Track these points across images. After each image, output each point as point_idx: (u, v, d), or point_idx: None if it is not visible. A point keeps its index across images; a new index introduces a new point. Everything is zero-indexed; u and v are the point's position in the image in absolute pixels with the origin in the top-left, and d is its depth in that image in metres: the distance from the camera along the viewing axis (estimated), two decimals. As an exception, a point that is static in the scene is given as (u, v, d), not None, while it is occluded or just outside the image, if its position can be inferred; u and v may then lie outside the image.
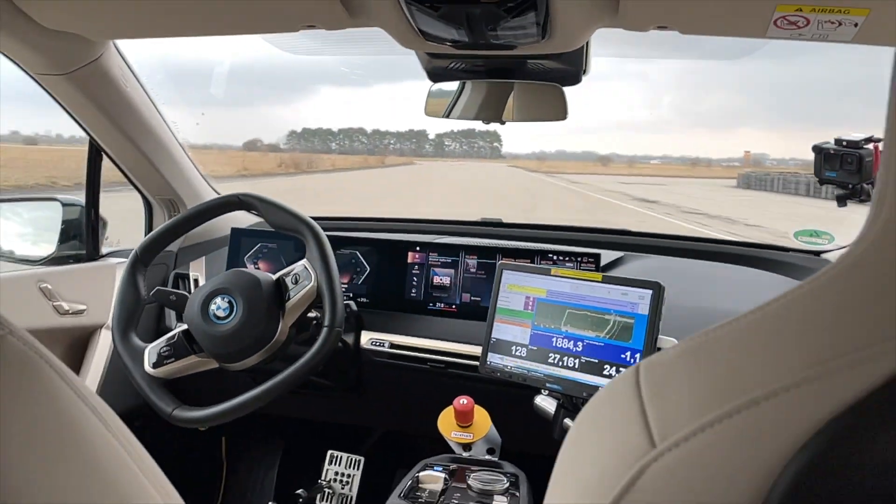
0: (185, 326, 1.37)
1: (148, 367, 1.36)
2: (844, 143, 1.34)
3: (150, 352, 1.37)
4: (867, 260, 0.35)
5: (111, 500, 0.50)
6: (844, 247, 1.78)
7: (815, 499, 0.31)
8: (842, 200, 1.40)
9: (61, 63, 1.34)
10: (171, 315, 1.76)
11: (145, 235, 1.89)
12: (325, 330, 1.31)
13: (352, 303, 1.55)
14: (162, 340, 1.37)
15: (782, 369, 0.34)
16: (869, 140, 1.33)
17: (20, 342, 0.49)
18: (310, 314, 1.41)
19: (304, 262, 1.36)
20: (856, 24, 0.88)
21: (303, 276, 1.35)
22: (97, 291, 1.67)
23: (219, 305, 1.33)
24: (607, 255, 1.72)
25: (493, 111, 1.48)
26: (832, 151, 1.36)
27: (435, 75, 1.38)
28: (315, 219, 1.42)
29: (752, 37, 1.01)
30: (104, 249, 1.80)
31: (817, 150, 1.38)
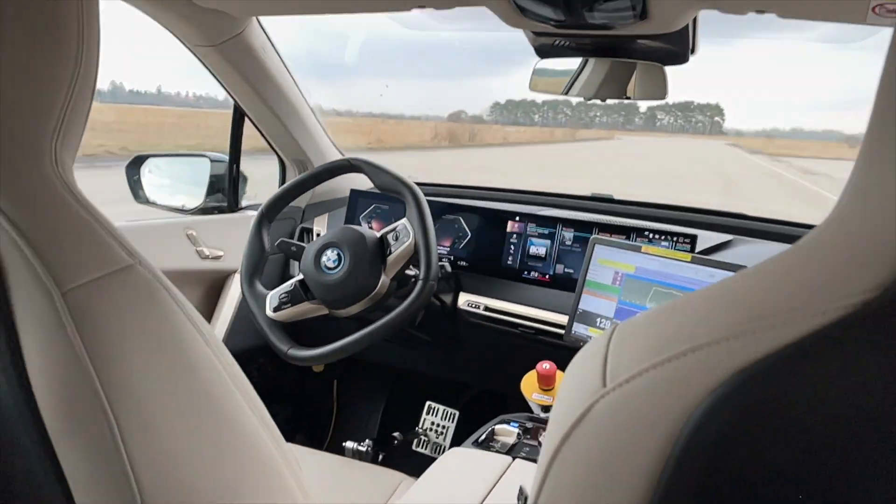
0: (301, 276, 1.55)
1: (269, 311, 1.55)
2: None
3: (272, 297, 1.56)
4: (813, 240, 0.39)
5: (209, 411, 0.62)
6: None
7: (711, 436, 0.36)
8: None
9: (211, 35, 1.54)
10: (295, 265, 1.96)
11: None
12: (419, 283, 1.45)
13: (447, 264, 1.66)
14: (281, 288, 1.57)
15: (712, 327, 0.38)
16: None
17: (147, 271, 0.60)
18: (409, 271, 1.54)
19: (404, 220, 1.50)
20: (963, 11, 0.84)
21: (402, 234, 1.48)
22: (234, 240, 1.89)
23: (329, 257, 1.49)
24: (714, 238, 1.70)
25: (614, 88, 1.51)
26: None
27: (542, 52, 1.43)
28: (421, 185, 1.54)
29: (851, 22, 0.98)
30: (243, 202, 2.03)
31: None
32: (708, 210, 2.00)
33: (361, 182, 2.13)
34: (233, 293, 1.89)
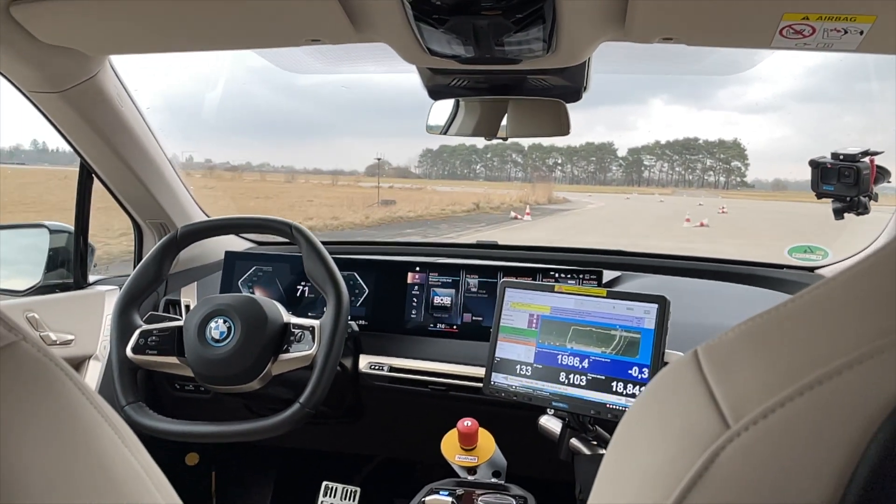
0: (180, 323, 1.36)
1: (128, 349, 1.34)
2: (841, 157, 1.35)
3: (141, 333, 1.35)
4: None
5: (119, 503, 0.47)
6: (839, 261, 1.79)
7: None
8: (839, 213, 1.41)
9: (57, 80, 1.32)
10: None
11: (135, 261, 1.87)
12: (296, 405, 1.29)
13: (353, 324, 1.52)
14: (158, 326, 1.36)
15: (862, 336, 0.33)
16: (865, 153, 1.34)
17: (34, 348, 0.48)
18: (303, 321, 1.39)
19: (318, 323, 1.33)
20: (861, 32, 0.90)
21: (306, 338, 1.32)
22: (85, 321, 1.62)
23: (216, 327, 1.30)
24: (605, 275, 1.71)
25: (487, 127, 1.49)
26: (829, 165, 1.37)
27: (436, 93, 1.37)
28: None
29: (757, 47, 1.02)
30: (92, 277, 1.75)
31: (814, 164, 1.40)
32: (587, 249, 2.04)
33: (234, 242, 1.94)
34: (89, 381, 1.60)
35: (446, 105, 1.45)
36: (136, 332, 1.36)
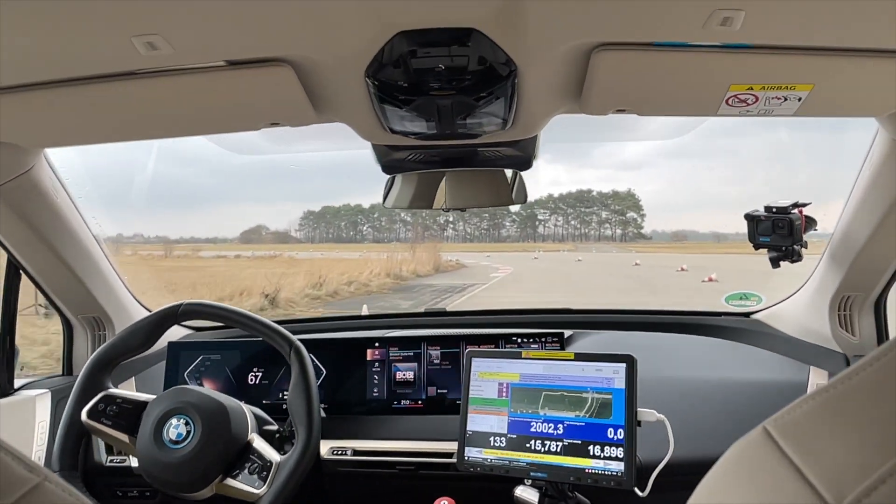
0: (153, 398, 1.27)
1: (84, 412, 1.25)
2: (774, 210, 1.44)
3: (102, 398, 1.27)
4: None
5: None
6: (773, 305, 1.89)
7: None
8: (775, 262, 1.50)
9: None
10: (99, 447, 1.57)
11: (63, 360, 1.73)
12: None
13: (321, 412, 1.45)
14: (121, 396, 1.28)
15: None
16: (795, 205, 1.44)
17: (58, 488, 0.44)
18: (268, 427, 1.31)
19: (277, 461, 1.22)
20: (800, 99, 0.98)
21: (260, 473, 1.21)
22: (15, 431, 1.48)
23: (175, 427, 1.20)
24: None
25: (424, 199, 1.50)
26: (763, 218, 1.46)
27: (390, 168, 1.38)
28: None
29: (703, 115, 1.09)
30: (18, 382, 1.60)
31: (749, 217, 1.48)
32: (534, 310, 2.07)
33: (175, 332, 1.83)
34: None
35: (390, 179, 1.46)
36: (99, 395, 1.27)
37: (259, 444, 1.25)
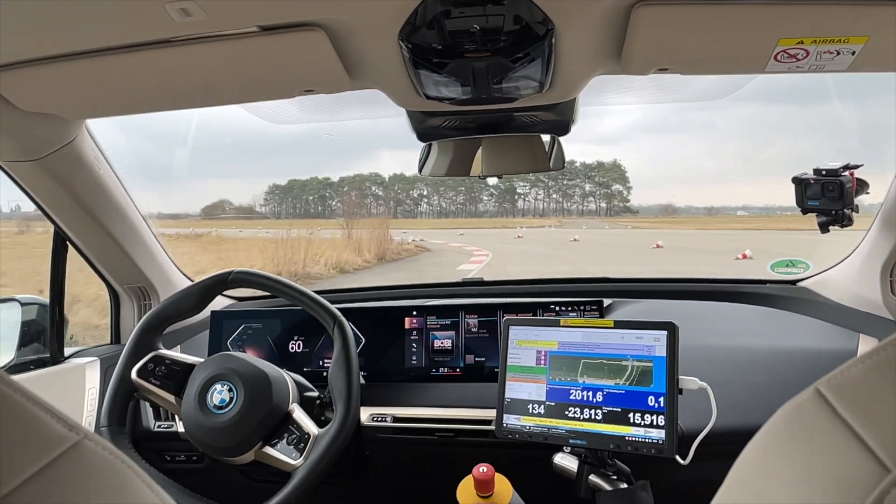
0: (200, 360, 1.32)
1: (134, 371, 1.30)
2: (824, 172, 1.39)
3: (151, 358, 1.32)
4: None
5: None
6: (820, 272, 1.84)
7: None
8: (824, 227, 1.45)
9: (35, 148, 1.26)
10: (147, 413, 1.62)
11: (111, 329, 1.78)
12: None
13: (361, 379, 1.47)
14: (170, 357, 1.33)
15: None
16: (846, 167, 1.38)
17: (98, 446, 0.45)
18: (309, 394, 1.33)
19: (316, 433, 1.25)
20: (853, 53, 0.92)
21: (297, 444, 1.24)
22: (66, 397, 1.53)
23: (218, 393, 1.23)
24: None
25: (461, 167, 1.48)
26: (812, 181, 1.41)
27: (425, 135, 1.36)
28: None
29: (751, 73, 1.05)
30: (68, 350, 1.66)
31: (797, 181, 1.43)
32: (572, 279, 2.05)
33: (218, 301, 1.87)
34: None
35: (426, 147, 1.44)
36: (149, 355, 1.32)
37: (299, 414, 1.27)
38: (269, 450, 1.24)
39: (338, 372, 1.30)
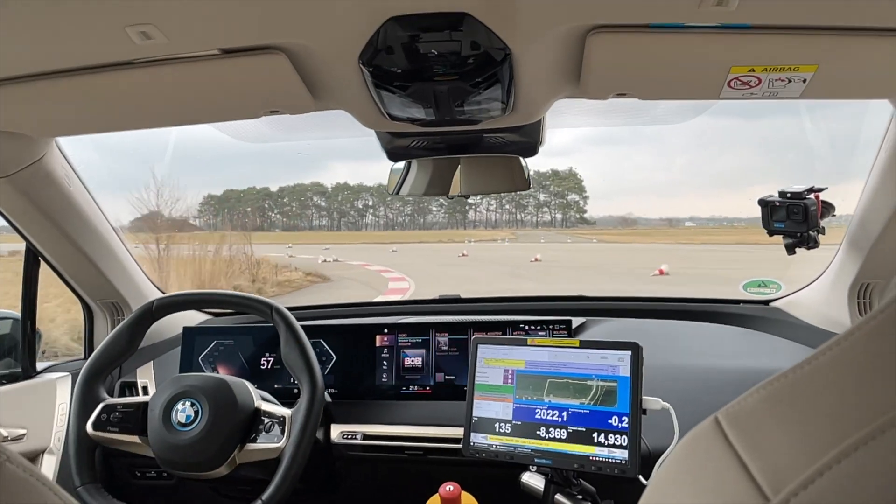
0: (146, 399, 1.30)
1: (89, 426, 1.28)
2: (789, 195, 1.41)
3: (103, 409, 1.29)
4: None
5: None
6: (792, 293, 1.85)
7: None
8: (791, 248, 1.46)
9: (2, 165, 1.26)
10: None
11: (85, 344, 1.78)
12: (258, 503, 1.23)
13: (327, 395, 1.47)
14: (121, 402, 1.30)
15: (885, 401, 0.32)
16: (811, 190, 1.40)
17: (20, 469, 0.44)
18: (274, 409, 1.33)
19: (289, 414, 1.28)
20: (804, 80, 0.95)
21: (275, 430, 1.26)
22: (37, 412, 1.53)
23: (183, 410, 1.23)
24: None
25: (440, 186, 1.49)
26: (778, 203, 1.43)
27: (395, 155, 1.38)
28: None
29: (706, 98, 1.07)
30: (41, 365, 1.66)
31: (763, 203, 1.45)
32: (547, 297, 2.05)
33: (188, 316, 1.87)
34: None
35: (399, 165, 1.46)
36: (99, 407, 1.30)
37: (267, 406, 1.30)
38: (250, 446, 1.26)
39: (290, 351, 1.32)
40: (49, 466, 1.48)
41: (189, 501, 1.54)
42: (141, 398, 1.32)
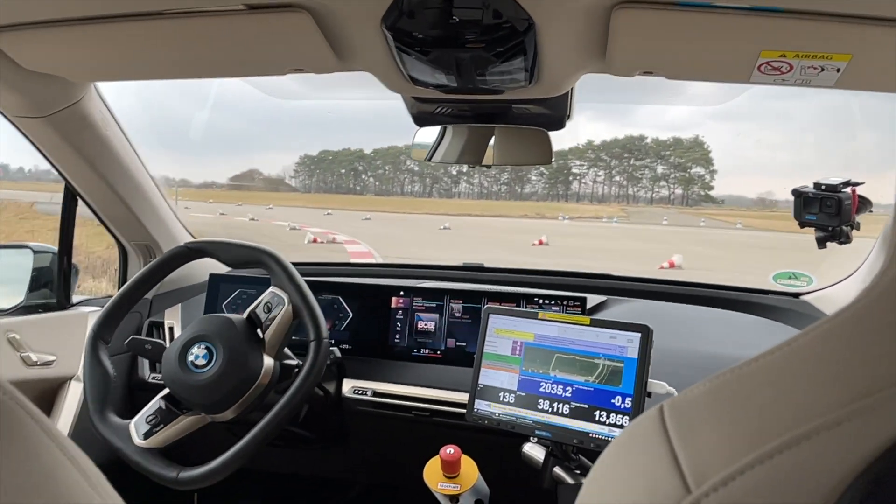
0: (165, 391, 1.32)
1: (139, 440, 1.30)
2: (823, 187, 1.36)
3: (137, 424, 1.32)
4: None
5: None
6: (823, 288, 1.80)
7: None
8: (822, 242, 1.42)
9: (41, 106, 1.31)
10: (143, 365, 1.69)
11: (119, 282, 1.85)
12: (313, 344, 1.28)
13: (335, 349, 1.51)
14: (146, 411, 1.33)
15: (821, 406, 0.32)
16: (847, 184, 1.35)
17: (6, 396, 0.45)
18: (289, 361, 1.37)
19: (271, 289, 1.33)
20: (838, 70, 0.91)
21: (274, 302, 1.31)
22: (68, 341, 1.61)
23: (196, 354, 1.28)
24: (590, 300, 1.71)
25: (473, 155, 1.48)
26: (811, 195, 1.38)
27: (420, 120, 1.38)
28: (295, 265, 1.39)
29: (736, 82, 1.03)
30: (75, 298, 1.74)
31: (797, 193, 1.40)
32: (573, 273, 2.04)
33: (220, 265, 1.93)
34: (70, 401, 1.58)
35: (432, 131, 1.45)
36: (131, 426, 1.33)
37: (257, 309, 1.34)
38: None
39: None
40: (76, 392, 1.56)
41: (206, 441, 1.61)
42: (152, 402, 1.35)
